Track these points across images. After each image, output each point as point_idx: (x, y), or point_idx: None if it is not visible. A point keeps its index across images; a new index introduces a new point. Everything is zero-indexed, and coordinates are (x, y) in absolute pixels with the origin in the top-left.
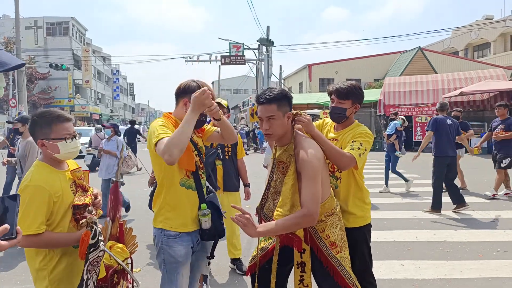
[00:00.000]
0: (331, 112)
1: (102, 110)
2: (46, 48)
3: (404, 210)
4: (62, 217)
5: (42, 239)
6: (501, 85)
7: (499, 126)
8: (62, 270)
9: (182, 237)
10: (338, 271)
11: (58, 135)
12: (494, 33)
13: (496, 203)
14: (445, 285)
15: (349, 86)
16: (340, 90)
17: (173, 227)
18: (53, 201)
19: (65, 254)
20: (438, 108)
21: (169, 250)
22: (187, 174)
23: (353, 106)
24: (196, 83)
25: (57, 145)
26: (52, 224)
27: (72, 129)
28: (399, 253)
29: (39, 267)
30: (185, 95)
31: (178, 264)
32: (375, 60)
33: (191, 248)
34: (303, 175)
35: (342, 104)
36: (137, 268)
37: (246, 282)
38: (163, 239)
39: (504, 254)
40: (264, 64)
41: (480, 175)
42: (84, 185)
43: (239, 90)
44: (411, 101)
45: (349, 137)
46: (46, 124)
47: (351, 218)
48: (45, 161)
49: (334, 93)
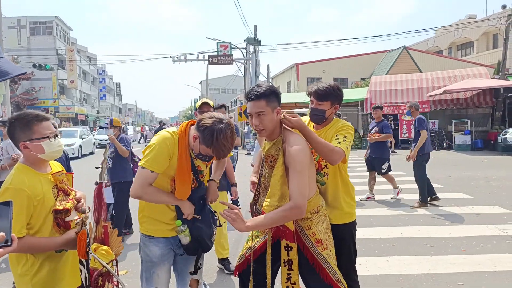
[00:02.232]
0: (310, 114)
1: (88, 111)
2: (30, 48)
3: (389, 207)
4: (43, 221)
5: (22, 243)
6: (484, 83)
7: (374, 128)
8: (45, 275)
9: (157, 239)
10: (324, 268)
11: (40, 134)
12: (477, 32)
13: (479, 199)
14: (429, 279)
15: (327, 87)
16: (318, 92)
17: (149, 231)
18: (33, 204)
19: (47, 259)
20: (417, 108)
21: (145, 248)
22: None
23: (332, 107)
24: (219, 129)
25: (41, 144)
26: (33, 228)
27: (52, 128)
28: (384, 249)
29: (21, 272)
30: (198, 132)
31: (153, 264)
32: (362, 59)
33: (171, 250)
34: (291, 169)
35: (321, 106)
36: (124, 270)
37: (234, 281)
38: (141, 237)
39: (486, 249)
40: (252, 64)
41: (462, 171)
42: (66, 189)
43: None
44: (396, 99)
45: (331, 133)
46: (25, 126)
47: (339, 215)
48: (26, 164)
49: (313, 94)
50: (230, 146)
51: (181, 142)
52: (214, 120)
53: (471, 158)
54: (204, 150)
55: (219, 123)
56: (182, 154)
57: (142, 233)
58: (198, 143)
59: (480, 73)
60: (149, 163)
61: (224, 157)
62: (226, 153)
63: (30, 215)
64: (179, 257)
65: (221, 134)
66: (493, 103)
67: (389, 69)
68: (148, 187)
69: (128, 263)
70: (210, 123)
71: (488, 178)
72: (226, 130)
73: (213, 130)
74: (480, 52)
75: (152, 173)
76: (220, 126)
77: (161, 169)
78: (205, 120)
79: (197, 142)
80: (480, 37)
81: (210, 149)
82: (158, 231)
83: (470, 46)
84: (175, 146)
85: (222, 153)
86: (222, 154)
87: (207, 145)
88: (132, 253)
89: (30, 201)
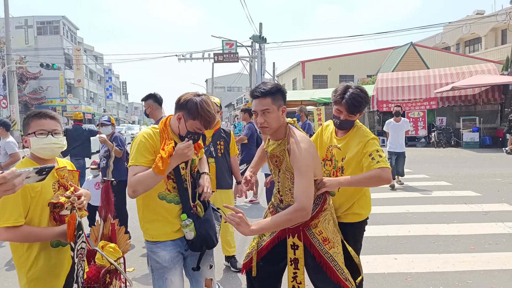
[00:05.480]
0: (339, 124)
1: (95, 110)
2: (37, 48)
3: (397, 205)
4: (40, 214)
5: (20, 232)
6: (492, 80)
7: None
8: (39, 270)
9: (164, 243)
10: (331, 266)
11: (31, 130)
12: (485, 28)
13: (487, 197)
14: (437, 278)
15: (361, 100)
16: (352, 107)
17: (154, 237)
18: (31, 195)
19: (43, 253)
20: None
21: (154, 256)
22: (168, 188)
23: (359, 116)
24: (200, 99)
25: (30, 139)
26: (31, 221)
27: (49, 126)
28: (392, 247)
29: (18, 264)
30: (181, 109)
31: (165, 270)
32: (368, 56)
33: (179, 253)
34: (296, 170)
35: (351, 118)
36: (131, 268)
37: (240, 279)
38: (148, 245)
39: (496, 247)
40: (257, 61)
41: (470, 169)
42: (66, 185)
43: (233, 87)
44: (403, 96)
45: (353, 144)
46: (27, 121)
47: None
48: (31, 158)
49: (345, 107)
50: (214, 113)
51: (162, 134)
52: (192, 94)
53: (479, 155)
54: (192, 124)
55: (197, 95)
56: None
57: (148, 240)
58: (184, 121)
59: (489, 69)
60: (133, 160)
61: (211, 126)
62: (212, 122)
63: (28, 206)
64: (189, 261)
65: (203, 103)
66: (501, 99)
67: (396, 65)
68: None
69: (135, 260)
70: (189, 96)
71: (497, 175)
72: (206, 100)
73: (195, 100)
74: (488, 48)
75: (138, 167)
76: (200, 97)
77: (145, 159)
78: (183, 96)
79: (183, 121)
80: (489, 33)
81: (197, 120)
82: (163, 234)
83: (478, 42)
84: (156, 138)
85: (209, 121)
86: (209, 122)
87: (194, 117)
88: (139, 251)
89: (25, 192)
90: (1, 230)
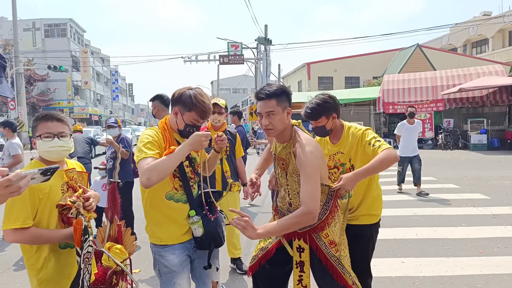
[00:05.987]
0: (315, 133)
1: (102, 111)
2: (45, 50)
3: (404, 207)
4: (49, 215)
5: (28, 234)
6: (500, 81)
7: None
8: (50, 271)
9: (173, 246)
10: (337, 269)
11: (38, 133)
12: (492, 29)
13: (496, 199)
14: (446, 282)
15: (313, 107)
16: (308, 114)
17: (162, 241)
18: (39, 197)
19: (53, 254)
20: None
21: (162, 260)
22: (175, 187)
23: (329, 118)
24: (193, 91)
25: (36, 142)
26: (40, 223)
27: (55, 128)
28: (399, 250)
29: (28, 265)
30: (177, 104)
31: (173, 274)
32: (374, 58)
33: (187, 256)
34: (302, 173)
35: (319, 123)
36: (137, 269)
37: (246, 282)
38: (155, 249)
39: (505, 250)
40: (262, 63)
41: (478, 171)
42: (74, 186)
43: (238, 89)
44: (410, 98)
45: (351, 143)
46: (35, 123)
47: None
48: (39, 160)
49: (306, 117)
50: (209, 103)
51: (164, 133)
52: (184, 88)
53: (487, 158)
54: (189, 116)
55: (190, 89)
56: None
57: (155, 244)
58: (180, 115)
59: (496, 71)
60: (142, 154)
61: (207, 116)
62: (209, 112)
63: (36, 208)
64: (196, 263)
65: (197, 94)
66: (509, 101)
67: (402, 67)
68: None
69: (141, 262)
70: (182, 90)
71: (505, 178)
72: (200, 91)
73: (188, 93)
74: (495, 49)
75: (148, 158)
76: (193, 90)
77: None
78: (177, 91)
79: (179, 115)
80: (496, 34)
81: (193, 111)
82: (172, 238)
83: (485, 43)
84: (159, 136)
85: (204, 111)
86: (205, 112)
87: (190, 109)
88: (145, 252)
89: (33, 194)
90: (9, 232)
